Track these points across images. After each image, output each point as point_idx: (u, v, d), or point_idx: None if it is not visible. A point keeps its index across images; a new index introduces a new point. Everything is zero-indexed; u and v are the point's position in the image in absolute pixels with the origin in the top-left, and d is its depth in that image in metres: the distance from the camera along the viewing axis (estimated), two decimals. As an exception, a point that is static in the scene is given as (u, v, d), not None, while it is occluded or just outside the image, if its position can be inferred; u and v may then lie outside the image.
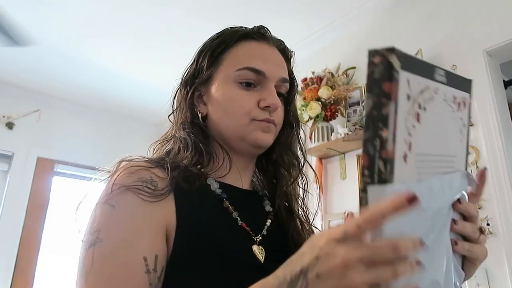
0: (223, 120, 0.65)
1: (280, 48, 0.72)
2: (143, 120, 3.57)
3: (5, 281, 2.69)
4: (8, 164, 2.97)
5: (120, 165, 0.58)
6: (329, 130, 2.15)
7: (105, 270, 0.49)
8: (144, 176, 0.56)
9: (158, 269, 0.52)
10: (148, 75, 2.94)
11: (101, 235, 0.51)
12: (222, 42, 0.68)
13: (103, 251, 0.50)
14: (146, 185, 0.55)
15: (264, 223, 0.66)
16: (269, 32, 0.72)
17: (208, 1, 2.19)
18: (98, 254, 0.50)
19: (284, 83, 0.69)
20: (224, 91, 0.65)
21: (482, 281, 1.51)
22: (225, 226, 0.61)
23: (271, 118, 0.65)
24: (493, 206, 1.56)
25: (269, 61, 0.67)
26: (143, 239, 0.52)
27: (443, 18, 1.91)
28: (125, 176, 0.55)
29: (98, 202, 0.55)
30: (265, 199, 0.73)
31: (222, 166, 0.65)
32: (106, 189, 0.55)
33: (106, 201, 0.54)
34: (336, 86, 2.15)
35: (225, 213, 0.62)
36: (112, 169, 0.58)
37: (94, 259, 0.50)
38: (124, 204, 0.54)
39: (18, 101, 3.05)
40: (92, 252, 0.51)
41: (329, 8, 2.26)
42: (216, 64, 0.67)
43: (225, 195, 0.64)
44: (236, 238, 0.60)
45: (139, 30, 2.46)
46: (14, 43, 1.99)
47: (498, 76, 1.77)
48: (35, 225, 2.92)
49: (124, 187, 0.54)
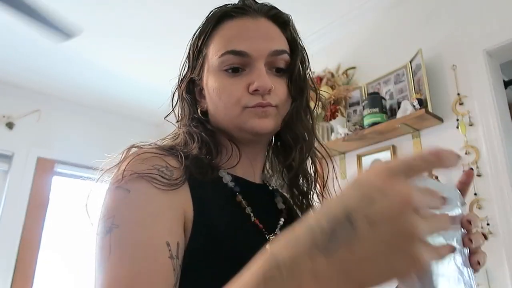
0: (217, 113, 0.61)
1: (270, 15, 0.63)
2: (143, 120, 3.56)
3: (5, 281, 2.69)
4: (8, 164, 2.97)
5: (130, 151, 0.54)
6: (329, 130, 2.15)
7: (125, 255, 0.44)
8: (158, 163, 0.52)
9: (180, 257, 0.48)
10: (148, 75, 2.94)
11: (116, 220, 0.46)
12: (202, 31, 0.64)
13: (122, 236, 0.45)
14: (160, 173, 0.51)
15: (277, 222, 0.63)
16: (251, 2, 0.64)
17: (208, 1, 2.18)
18: (115, 240, 0.45)
19: (279, 55, 0.60)
20: (212, 82, 0.61)
21: (482, 281, 1.51)
22: (238, 223, 0.57)
23: (264, 102, 0.58)
24: (493, 206, 1.56)
25: (252, 37, 0.59)
26: (164, 224, 0.47)
27: (443, 18, 1.91)
28: (137, 163, 0.51)
29: (109, 188, 0.50)
30: (277, 195, 0.68)
31: (232, 157, 0.61)
32: (116, 175, 0.51)
33: (119, 186, 0.49)
34: (336, 86, 2.15)
35: (238, 209, 0.59)
36: (120, 156, 0.54)
37: (111, 246, 0.45)
38: (139, 189, 0.49)
39: (18, 101, 3.05)
40: (108, 239, 0.45)
41: (329, 8, 2.26)
42: (201, 56, 0.63)
43: (238, 188, 0.60)
44: (249, 237, 0.57)
45: (139, 30, 2.46)
46: (67, 36, 2.00)
47: (498, 76, 1.77)
48: (35, 225, 2.91)
49: (136, 174, 0.49)
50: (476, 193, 1.61)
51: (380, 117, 1.88)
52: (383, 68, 2.06)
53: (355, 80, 2.23)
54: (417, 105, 1.74)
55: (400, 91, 1.96)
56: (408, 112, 1.77)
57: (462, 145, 1.69)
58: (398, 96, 1.95)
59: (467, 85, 1.74)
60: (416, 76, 1.88)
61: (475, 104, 1.70)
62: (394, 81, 2.00)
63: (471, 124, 1.69)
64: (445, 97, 1.80)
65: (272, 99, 0.59)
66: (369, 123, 1.90)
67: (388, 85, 2.02)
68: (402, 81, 1.96)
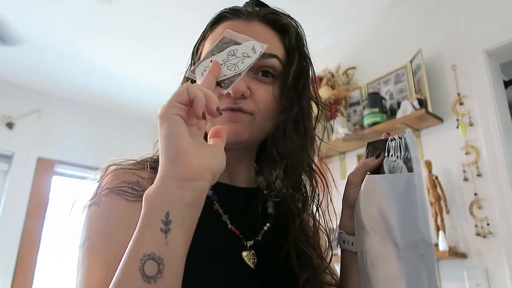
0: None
1: (267, 20, 0.61)
2: (143, 120, 3.56)
3: (5, 281, 2.69)
4: (8, 164, 2.97)
5: (108, 170, 0.57)
6: (329, 130, 2.15)
7: (95, 262, 0.47)
8: (129, 178, 0.55)
9: None
10: (148, 75, 2.94)
11: (89, 233, 0.50)
12: (201, 34, 0.65)
13: (92, 246, 0.49)
14: (131, 186, 0.53)
15: (261, 226, 0.61)
16: (250, 6, 0.63)
17: (208, 1, 2.18)
18: (87, 251, 0.49)
19: (266, 58, 0.57)
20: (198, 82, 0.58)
21: (482, 281, 1.51)
22: (213, 231, 0.57)
23: (233, 106, 0.55)
24: (493, 206, 1.56)
25: None
26: (130, 234, 0.47)
27: (443, 18, 1.91)
28: (110, 179, 0.54)
29: (86, 206, 0.54)
30: (270, 200, 0.65)
31: None
32: (93, 193, 0.55)
33: (92, 203, 0.53)
34: (336, 86, 2.15)
35: (215, 217, 0.58)
36: (101, 173, 0.57)
37: (84, 256, 0.48)
38: (109, 202, 0.52)
39: (18, 101, 3.05)
40: (82, 251, 0.49)
41: (329, 8, 2.26)
42: (197, 56, 0.65)
43: (216, 196, 0.59)
44: (225, 246, 0.56)
45: (139, 30, 2.46)
46: (3, 43, 1.98)
47: (498, 76, 1.77)
48: (35, 225, 2.91)
49: (108, 189, 0.53)
50: (476, 193, 1.61)
51: (380, 117, 1.88)
52: (383, 68, 2.06)
53: (355, 80, 2.23)
54: (417, 105, 1.74)
55: (400, 91, 1.96)
56: (408, 112, 1.77)
57: (462, 145, 1.69)
58: (398, 96, 1.95)
59: (467, 85, 1.74)
60: (416, 76, 1.88)
61: (475, 104, 1.70)
62: (394, 81, 2.00)
63: (471, 124, 1.69)
64: (445, 97, 1.80)
65: (246, 105, 0.55)
66: (369, 123, 1.90)
67: (388, 85, 2.02)
68: (402, 81, 1.96)
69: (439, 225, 1.63)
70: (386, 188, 0.54)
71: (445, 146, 1.75)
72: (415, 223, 0.50)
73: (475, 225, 1.59)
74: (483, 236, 1.56)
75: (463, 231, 1.62)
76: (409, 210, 0.51)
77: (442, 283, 1.64)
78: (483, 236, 1.56)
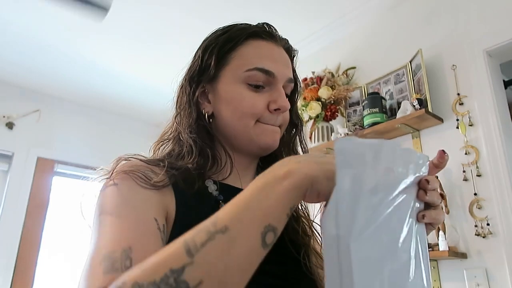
0: (231, 120, 0.64)
1: (285, 47, 0.70)
2: (143, 120, 3.56)
3: (5, 281, 2.69)
4: (8, 164, 2.97)
5: (119, 160, 0.60)
6: (329, 130, 2.15)
7: (117, 227, 0.48)
8: (141, 168, 0.57)
9: (165, 235, 0.52)
10: (148, 75, 2.94)
11: (109, 209, 0.51)
12: (229, 39, 0.66)
13: (112, 219, 0.50)
14: (143, 174, 0.56)
15: None
16: (275, 30, 0.70)
17: (208, 1, 2.18)
18: (108, 223, 0.49)
19: (290, 83, 0.68)
20: (233, 90, 0.64)
21: (482, 281, 1.51)
22: None
23: (276, 127, 0.66)
24: (493, 206, 1.56)
25: (277, 61, 0.66)
26: (151, 207, 0.52)
27: (443, 18, 1.91)
28: (124, 167, 0.57)
29: (101, 190, 0.56)
30: None
31: (224, 169, 0.65)
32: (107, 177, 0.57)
33: (108, 183, 0.55)
34: (336, 86, 2.15)
35: None
36: (112, 164, 0.59)
37: (104, 228, 0.49)
38: (126, 183, 0.55)
39: (18, 101, 3.05)
40: (99, 225, 0.50)
41: (329, 8, 2.26)
42: (223, 62, 0.65)
43: (222, 196, 0.62)
44: None
45: (139, 30, 2.46)
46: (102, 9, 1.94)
47: (498, 76, 1.77)
48: (35, 225, 2.92)
49: (122, 172, 0.55)
50: (476, 193, 1.61)
51: (380, 117, 1.88)
52: (383, 68, 2.06)
53: (355, 80, 2.23)
54: (417, 105, 1.74)
55: (400, 91, 1.96)
56: (408, 112, 1.77)
57: (462, 145, 1.69)
58: (398, 96, 1.95)
59: (467, 85, 1.74)
60: (416, 76, 1.88)
61: (475, 104, 1.70)
62: (394, 81, 2.00)
63: (471, 124, 1.69)
64: (445, 97, 1.80)
65: (282, 120, 0.67)
66: (369, 123, 1.90)
67: (388, 85, 2.02)
68: (402, 81, 1.96)
69: (439, 225, 1.63)
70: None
71: (445, 146, 1.75)
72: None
73: (475, 225, 1.59)
74: (483, 236, 1.56)
75: (463, 231, 1.62)
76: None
77: (442, 283, 1.64)
78: (483, 236, 1.56)
